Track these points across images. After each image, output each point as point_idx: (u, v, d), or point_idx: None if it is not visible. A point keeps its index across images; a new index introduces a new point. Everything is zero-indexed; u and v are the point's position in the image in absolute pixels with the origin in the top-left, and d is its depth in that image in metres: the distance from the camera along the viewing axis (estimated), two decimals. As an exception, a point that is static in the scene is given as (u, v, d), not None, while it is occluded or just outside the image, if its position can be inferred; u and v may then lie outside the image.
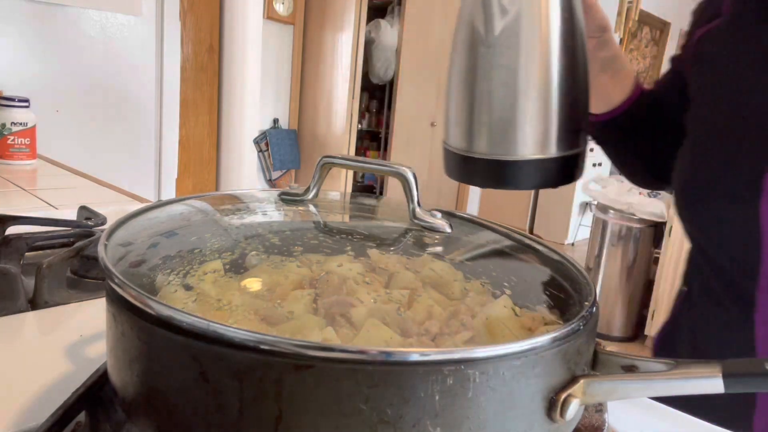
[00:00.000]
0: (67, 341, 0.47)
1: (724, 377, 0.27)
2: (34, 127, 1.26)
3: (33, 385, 0.40)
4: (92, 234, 0.67)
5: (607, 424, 0.37)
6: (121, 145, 2.51)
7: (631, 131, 0.68)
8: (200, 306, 0.31)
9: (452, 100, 0.51)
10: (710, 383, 0.28)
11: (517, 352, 0.26)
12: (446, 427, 0.25)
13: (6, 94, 1.35)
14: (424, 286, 0.34)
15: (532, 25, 0.46)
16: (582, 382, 0.29)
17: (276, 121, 3.35)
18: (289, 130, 3.41)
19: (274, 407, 0.25)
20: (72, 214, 0.79)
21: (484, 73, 0.48)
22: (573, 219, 4.54)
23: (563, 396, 0.29)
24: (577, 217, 4.57)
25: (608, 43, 0.61)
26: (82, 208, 0.79)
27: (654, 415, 0.46)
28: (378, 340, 0.29)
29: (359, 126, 3.69)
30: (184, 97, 2.76)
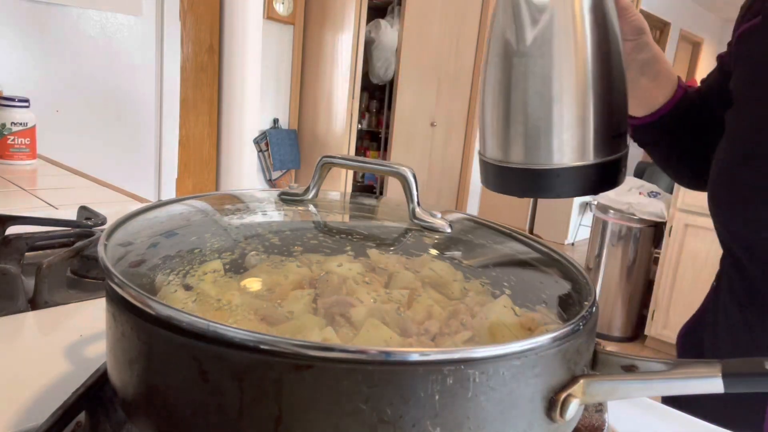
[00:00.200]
0: (67, 341, 0.47)
1: (724, 377, 0.27)
2: (34, 127, 1.26)
3: (33, 385, 0.40)
4: (92, 234, 0.67)
5: (607, 424, 0.37)
6: (121, 145, 2.51)
7: (674, 132, 0.67)
8: (200, 306, 0.31)
9: (487, 112, 0.51)
10: (710, 383, 0.28)
11: (517, 352, 0.26)
12: (446, 427, 0.25)
13: (6, 94, 1.35)
14: (424, 286, 0.34)
15: (563, 33, 0.46)
16: (582, 382, 0.29)
17: (276, 121, 3.35)
18: (289, 130, 3.41)
19: (274, 407, 0.25)
20: (72, 214, 0.79)
21: (518, 83, 0.47)
22: (573, 219, 4.55)
23: (563, 396, 0.29)
24: (577, 217, 4.58)
25: (646, 45, 0.60)
26: (82, 208, 0.79)
27: (654, 415, 0.46)
28: (378, 340, 0.29)
29: (359, 126, 3.69)
30: (184, 97, 2.76)
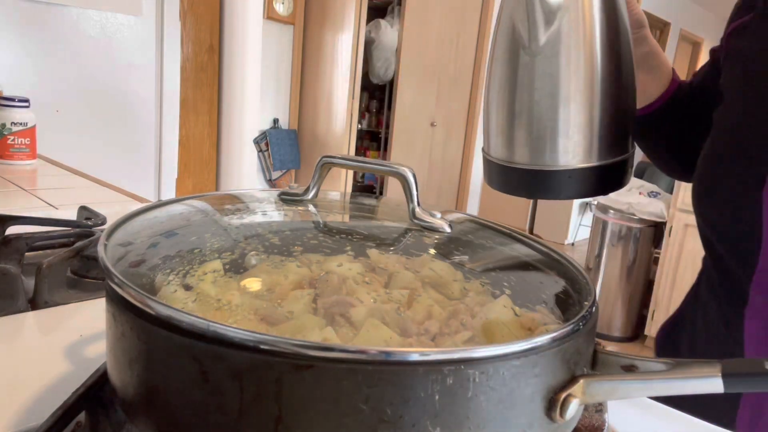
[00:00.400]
0: (67, 341, 0.47)
1: (724, 377, 0.27)
2: (34, 127, 1.26)
3: (33, 385, 0.40)
4: (92, 234, 0.67)
5: (607, 424, 0.37)
6: (121, 145, 2.51)
7: (666, 125, 0.67)
8: (200, 306, 0.31)
9: (493, 110, 0.49)
10: (710, 383, 0.28)
11: (517, 352, 0.26)
12: (446, 427, 0.25)
13: (6, 94, 1.35)
14: (424, 286, 0.34)
15: (577, 33, 0.45)
16: (582, 381, 0.29)
17: (276, 121, 3.35)
18: (289, 130, 3.41)
19: (274, 407, 0.25)
20: (72, 214, 0.79)
21: (527, 83, 0.46)
22: (573, 219, 4.55)
23: (563, 396, 0.29)
24: (577, 217, 4.58)
25: (645, 39, 0.60)
26: (82, 208, 0.79)
27: (654, 415, 0.46)
28: (378, 339, 0.29)
29: (359, 126, 3.69)
30: (184, 97, 2.76)
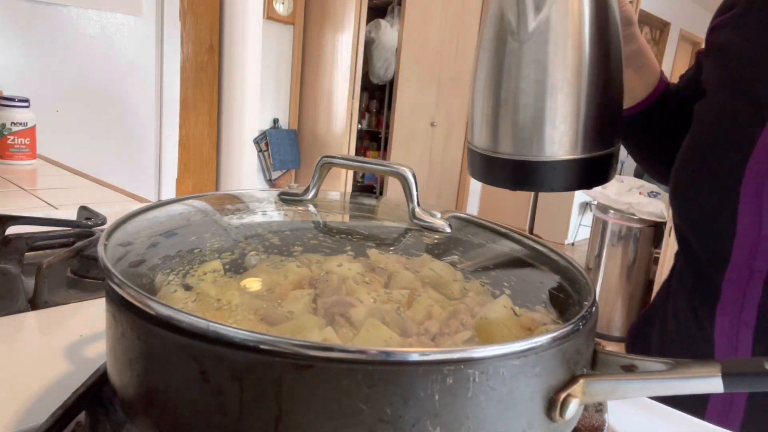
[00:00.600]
0: (67, 341, 0.47)
1: (724, 377, 0.27)
2: (34, 127, 1.26)
3: (33, 385, 0.40)
4: (92, 234, 0.68)
5: (607, 424, 0.37)
6: (121, 145, 2.51)
7: (652, 126, 0.67)
8: (200, 306, 0.31)
9: (478, 99, 0.48)
10: (710, 383, 0.28)
11: (517, 352, 0.26)
12: (446, 427, 0.25)
13: (6, 94, 1.35)
14: (424, 286, 0.34)
15: (567, 20, 0.44)
16: (581, 381, 0.29)
17: (276, 121, 3.35)
18: (289, 130, 3.41)
19: (274, 407, 0.25)
20: (72, 214, 0.79)
21: (514, 70, 0.45)
22: (573, 219, 4.55)
23: (563, 396, 0.29)
24: (577, 217, 4.58)
25: (633, 36, 0.59)
26: (82, 208, 0.79)
27: (654, 415, 0.46)
28: (378, 339, 0.29)
29: (359, 126, 3.69)
30: (184, 97, 2.76)
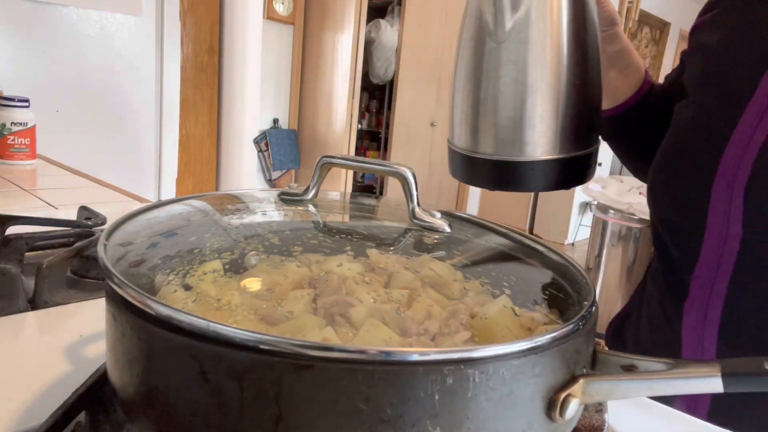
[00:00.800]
0: (67, 341, 0.47)
1: (723, 377, 0.27)
2: (34, 127, 1.26)
3: (33, 385, 0.40)
4: (92, 234, 0.68)
5: (607, 424, 0.37)
6: (121, 145, 2.51)
7: (637, 127, 0.67)
8: (200, 306, 0.31)
9: (458, 98, 0.49)
10: (709, 383, 0.28)
11: (517, 352, 0.26)
12: (446, 427, 0.25)
13: (6, 94, 1.35)
14: (424, 286, 0.34)
15: (544, 20, 0.44)
16: (581, 381, 0.29)
17: (276, 121, 3.35)
18: (289, 130, 3.41)
19: (274, 407, 0.25)
20: (72, 214, 0.79)
21: (493, 70, 0.45)
22: (573, 219, 4.54)
23: (563, 396, 0.29)
24: (577, 217, 4.57)
25: (617, 37, 0.60)
26: (82, 208, 0.79)
27: (654, 415, 0.46)
28: (377, 339, 0.29)
29: (359, 126, 3.69)
30: (184, 97, 2.76)
